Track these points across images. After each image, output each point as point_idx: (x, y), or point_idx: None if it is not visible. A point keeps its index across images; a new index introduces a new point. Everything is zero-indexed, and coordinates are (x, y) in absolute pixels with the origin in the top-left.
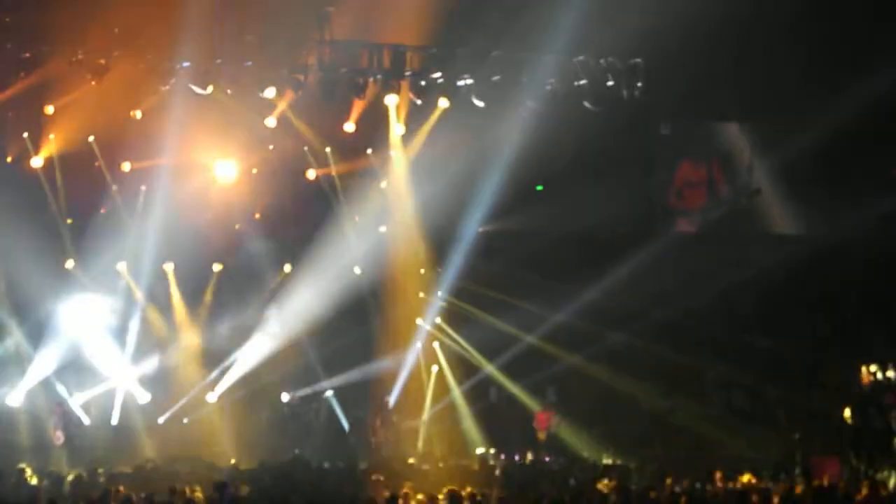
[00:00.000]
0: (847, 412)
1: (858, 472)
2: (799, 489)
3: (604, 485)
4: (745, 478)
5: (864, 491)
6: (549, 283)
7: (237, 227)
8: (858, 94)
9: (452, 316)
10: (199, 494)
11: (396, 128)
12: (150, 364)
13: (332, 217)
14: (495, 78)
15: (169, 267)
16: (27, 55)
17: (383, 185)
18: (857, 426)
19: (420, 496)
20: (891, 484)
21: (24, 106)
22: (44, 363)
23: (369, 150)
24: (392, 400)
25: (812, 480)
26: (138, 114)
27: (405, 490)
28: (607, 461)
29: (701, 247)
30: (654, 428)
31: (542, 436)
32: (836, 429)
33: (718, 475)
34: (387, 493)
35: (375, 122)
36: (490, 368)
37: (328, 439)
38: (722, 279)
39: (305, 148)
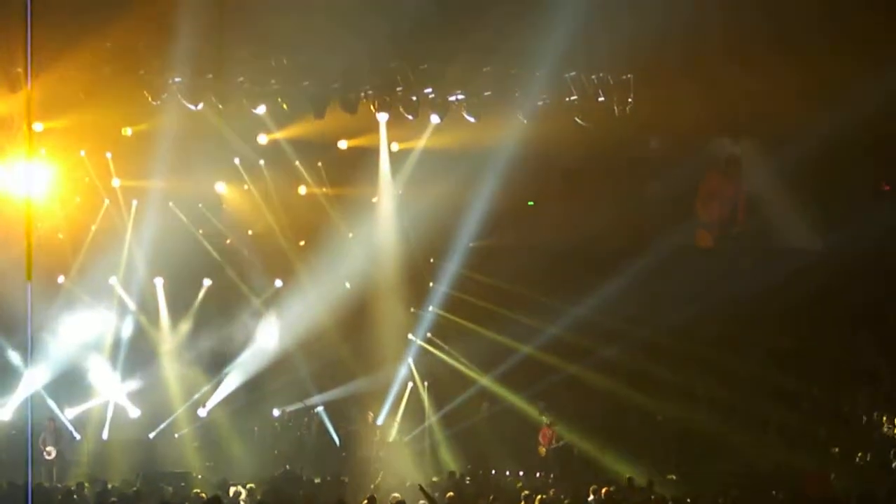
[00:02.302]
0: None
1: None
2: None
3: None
4: (735, 491)
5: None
6: (540, 297)
7: (228, 242)
8: (851, 108)
9: (443, 330)
10: None
11: (387, 143)
12: (141, 379)
13: (323, 232)
14: (487, 94)
15: (159, 282)
16: (19, 70)
17: (374, 200)
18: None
19: None
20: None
21: (16, 121)
22: (35, 378)
23: (360, 165)
24: (380, 415)
25: (802, 495)
26: (129, 130)
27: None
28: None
29: (694, 260)
30: (646, 442)
31: (542, 451)
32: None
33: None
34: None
35: (367, 139)
36: (482, 383)
37: (319, 454)
38: (714, 292)
39: (297, 163)
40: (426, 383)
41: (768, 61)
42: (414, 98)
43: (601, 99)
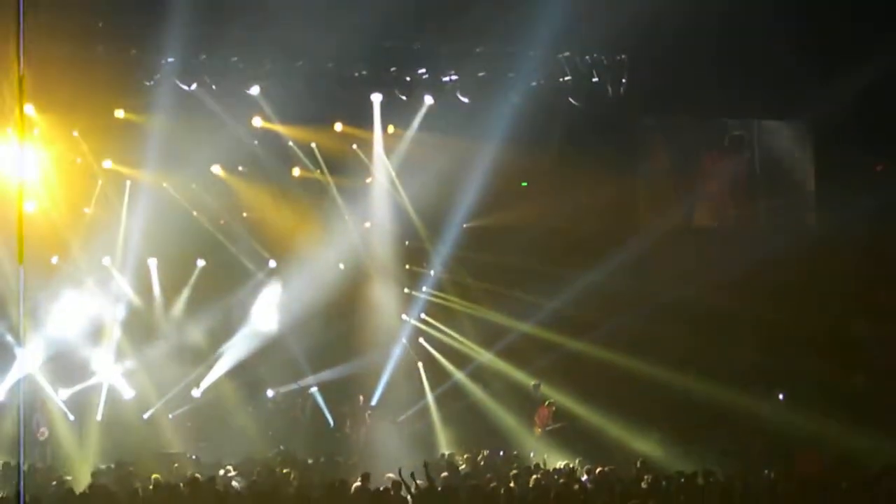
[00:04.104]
0: None
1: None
2: (781, 481)
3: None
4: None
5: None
6: (534, 276)
7: (222, 223)
8: (843, 88)
9: (438, 310)
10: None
11: (381, 124)
12: (135, 360)
13: (317, 214)
14: (480, 74)
15: (153, 262)
16: (10, 51)
17: (368, 180)
18: None
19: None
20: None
21: (6, 102)
22: (28, 359)
23: (354, 146)
24: (372, 397)
25: (794, 472)
26: (121, 112)
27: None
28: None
29: (684, 241)
30: (638, 424)
31: (537, 431)
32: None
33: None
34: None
35: (361, 119)
36: (479, 361)
37: (313, 435)
38: (709, 269)
39: (290, 143)
40: (421, 364)
41: (765, 40)
42: (408, 78)
43: (595, 79)
